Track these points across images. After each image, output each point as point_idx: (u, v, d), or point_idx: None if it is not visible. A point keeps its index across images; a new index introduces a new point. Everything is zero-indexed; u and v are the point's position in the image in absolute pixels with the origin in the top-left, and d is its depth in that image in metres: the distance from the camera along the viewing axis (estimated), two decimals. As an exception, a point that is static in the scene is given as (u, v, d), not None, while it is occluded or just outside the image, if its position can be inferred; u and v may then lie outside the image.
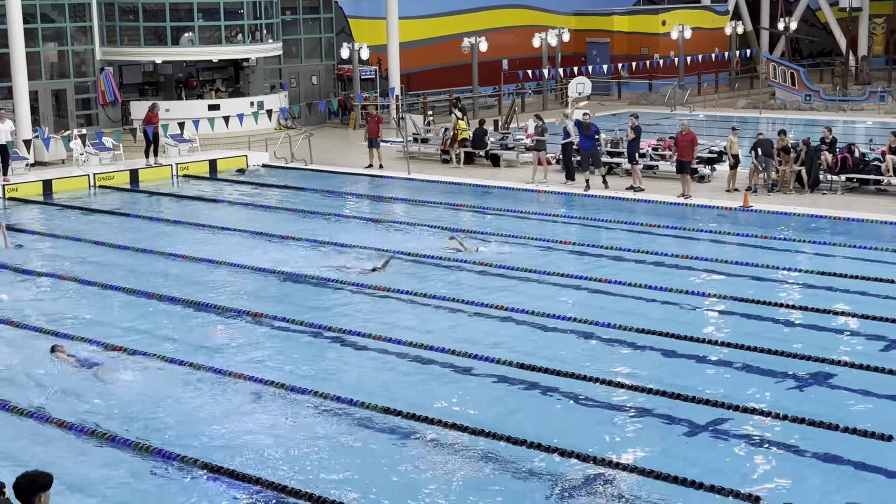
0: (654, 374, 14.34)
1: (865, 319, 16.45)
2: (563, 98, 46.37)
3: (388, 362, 15.23)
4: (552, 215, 25.44)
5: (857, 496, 10.81)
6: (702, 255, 20.64)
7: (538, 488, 11.19)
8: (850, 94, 46.63)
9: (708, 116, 43.66)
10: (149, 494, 11.39)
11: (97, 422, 13.09)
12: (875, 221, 23.18)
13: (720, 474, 11.29)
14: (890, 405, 13.20)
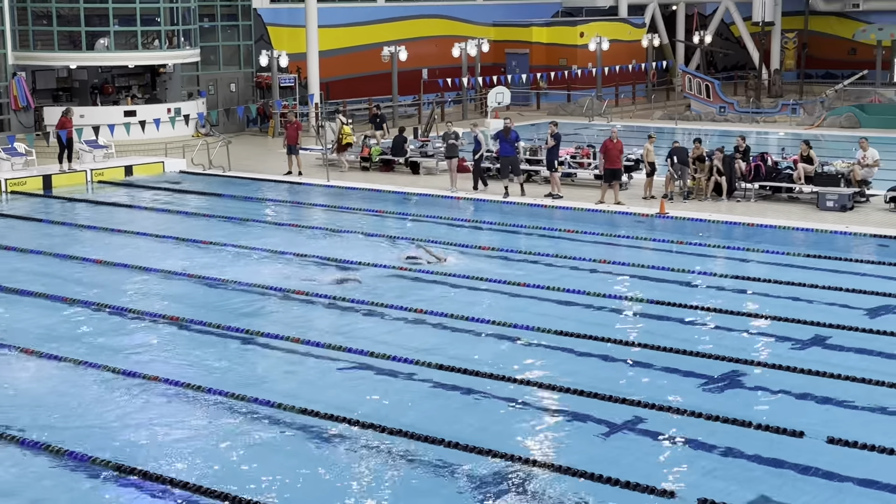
0: (573, 375, 14.43)
1: (777, 321, 16.75)
2: (483, 108, 46.63)
3: (306, 364, 15.15)
4: (471, 221, 25.54)
5: (769, 491, 10.97)
6: (619, 260, 20.86)
7: (458, 487, 11.19)
8: (763, 107, 47.48)
9: (625, 127, 44.03)
10: (58, 496, 11.18)
11: (7, 423, 12.83)
12: (787, 228, 23.62)
13: (635, 471, 11.39)
14: (801, 403, 13.44)
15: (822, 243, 22.45)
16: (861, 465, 11.49)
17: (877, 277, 19.38)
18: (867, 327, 16.25)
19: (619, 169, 26.51)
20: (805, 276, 19.37)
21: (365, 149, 33.20)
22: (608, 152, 26.42)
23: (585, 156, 30.31)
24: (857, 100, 46.67)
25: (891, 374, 14.15)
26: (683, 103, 48.93)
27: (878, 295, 18.04)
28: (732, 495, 10.80)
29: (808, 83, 55.41)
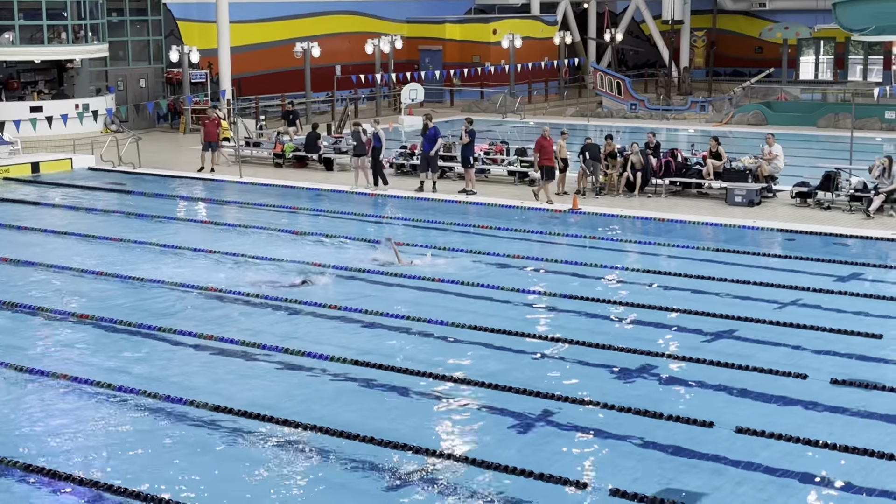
0: (488, 370, 14.51)
1: (687, 314, 17.01)
2: (397, 105, 46.65)
3: (221, 362, 15.03)
4: (386, 217, 25.54)
5: (681, 481, 11.14)
6: (533, 255, 21.01)
7: (377, 482, 11.19)
8: (672, 104, 48.18)
9: (538, 124, 44.44)
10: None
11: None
12: (696, 223, 23.99)
13: (550, 463, 11.49)
14: (710, 394, 13.67)
15: (731, 238, 22.88)
16: (768, 453, 11.72)
17: (784, 271, 19.77)
18: (774, 319, 16.57)
19: (554, 166, 26.52)
20: (714, 269, 19.70)
21: (278, 145, 33.03)
22: (543, 150, 26.27)
23: (499, 152, 30.50)
24: (765, 97, 47.64)
25: (797, 366, 14.45)
26: (595, 100, 49.45)
27: (784, 288, 18.41)
28: (644, 485, 10.95)
29: (716, 81, 56.36)
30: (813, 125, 41.71)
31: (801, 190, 25.84)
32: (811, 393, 13.57)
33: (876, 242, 21.99)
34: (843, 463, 11.47)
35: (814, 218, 24.11)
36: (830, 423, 12.60)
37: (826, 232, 22.69)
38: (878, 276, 19.63)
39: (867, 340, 15.59)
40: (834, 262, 20.28)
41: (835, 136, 37.85)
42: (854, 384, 13.79)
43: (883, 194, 23.95)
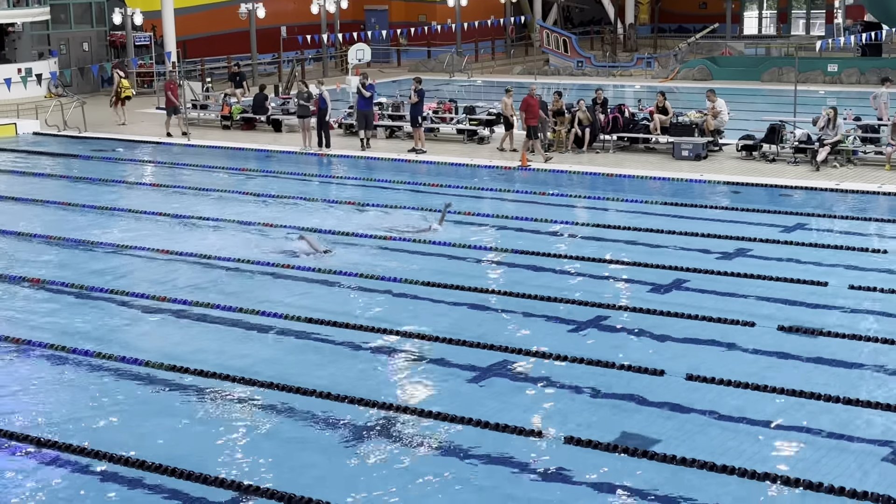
0: (441, 324, 14.64)
1: (637, 266, 17.24)
2: (343, 65, 46.44)
3: (174, 322, 15.05)
4: (336, 177, 25.53)
5: (632, 428, 11.35)
6: (484, 212, 21.14)
7: (332, 437, 11.31)
8: (619, 61, 48.39)
9: (485, 82, 44.57)
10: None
11: None
12: (644, 177, 24.22)
13: (504, 413, 11.66)
14: (660, 344, 13.90)
15: (679, 191, 23.13)
16: (718, 399, 11.97)
17: (731, 222, 20.05)
18: (722, 270, 16.84)
19: (536, 126, 26.28)
20: (663, 222, 19.94)
21: (225, 107, 32.83)
22: (529, 108, 26.10)
23: (448, 111, 30.55)
24: (709, 53, 47.94)
25: (745, 314, 14.72)
26: (542, 58, 49.49)
27: (732, 239, 18.68)
28: (598, 433, 11.15)
29: (661, 37, 56.65)
30: (757, 79, 42.10)
31: (746, 143, 26.13)
32: (759, 340, 13.84)
33: (820, 193, 22.33)
34: (791, 406, 11.74)
35: (759, 170, 24.43)
36: (778, 369, 12.87)
37: (771, 184, 23.01)
38: (823, 226, 19.99)
39: (813, 288, 15.89)
40: (780, 212, 20.59)
41: (779, 90, 38.26)
42: (801, 331, 14.08)
43: (828, 146, 24.28)
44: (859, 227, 19.88)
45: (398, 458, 10.75)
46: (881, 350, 13.41)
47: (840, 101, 31.71)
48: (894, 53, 44.22)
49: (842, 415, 11.48)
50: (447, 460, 10.71)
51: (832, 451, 10.69)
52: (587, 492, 9.99)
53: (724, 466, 10.25)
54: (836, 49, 41.56)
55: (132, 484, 10.33)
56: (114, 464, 10.67)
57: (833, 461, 10.45)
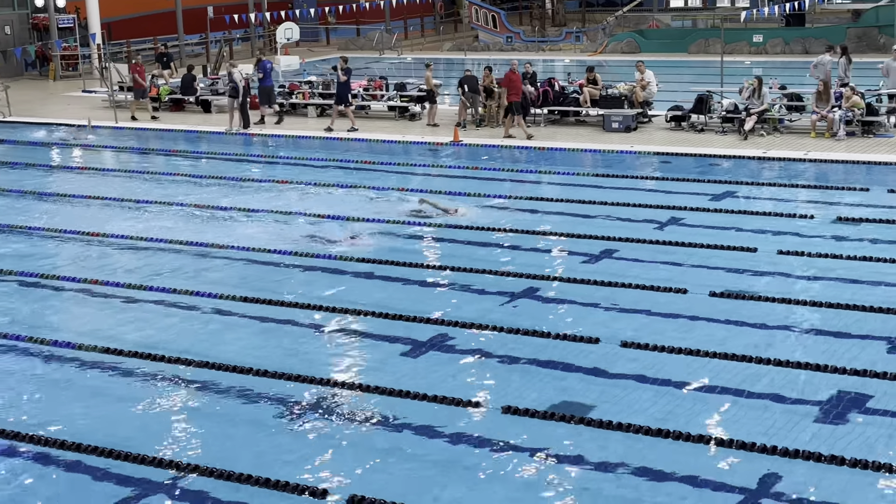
0: (376, 299, 14.65)
1: (570, 237, 17.37)
2: (272, 44, 46.09)
3: (107, 304, 14.91)
4: (266, 157, 25.39)
5: (570, 396, 11.45)
6: (417, 188, 21.14)
7: (269, 413, 11.28)
8: (548, 35, 48.54)
9: (415, 59, 44.47)
10: None
11: None
12: (576, 150, 24.38)
13: (441, 386, 11.71)
14: (593, 311, 14.03)
15: (610, 163, 23.32)
16: (652, 365, 12.12)
17: (661, 192, 20.28)
18: (654, 239, 17.03)
19: (519, 102, 25.86)
20: (595, 194, 20.09)
21: (153, 89, 32.43)
22: (511, 84, 25.76)
23: (378, 88, 30.49)
24: (637, 26, 48.30)
25: (677, 281, 14.91)
26: (471, 34, 49.55)
27: (663, 208, 18.88)
28: (536, 402, 11.24)
29: (589, 11, 56.85)
30: (684, 51, 42.49)
31: (675, 114, 26.39)
32: (691, 306, 14.02)
33: (748, 161, 22.64)
34: (723, 369, 11.93)
35: (688, 140, 24.69)
36: (710, 333, 13.06)
37: (700, 153, 23.26)
38: (751, 194, 20.27)
39: (742, 254, 16.13)
40: (709, 181, 20.86)
41: (706, 61, 38.62)
42: (731, 296, 14.30)
43: (754, 115, 24.60)
44: (786, 193, 20.18)
45: (336, 433, 10.76)
46: (810, 312, 13.66)
47: (766, 71, 32.16)
48: (818, 23, 44.85)
49: (773, 376, 11.68)
50: (385, 434, 10.75)
51: (765, 411, 10.88)
52: (525, 459, 10.08)
53: (660, 430, 10.40)
54: (761, 20, 42.04)
55: (70, 467, 10.24)
56: (49, 447, 10.57)
57: (766, 422, 10.64)
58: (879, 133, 24.19)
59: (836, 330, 12.98)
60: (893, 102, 24.85)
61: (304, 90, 30.72)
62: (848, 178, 21.03)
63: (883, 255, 15.65)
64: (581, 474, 9.80)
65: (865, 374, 11.51)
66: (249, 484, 9.72)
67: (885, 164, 21.56)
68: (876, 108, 24.79)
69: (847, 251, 15.98)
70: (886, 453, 9.86)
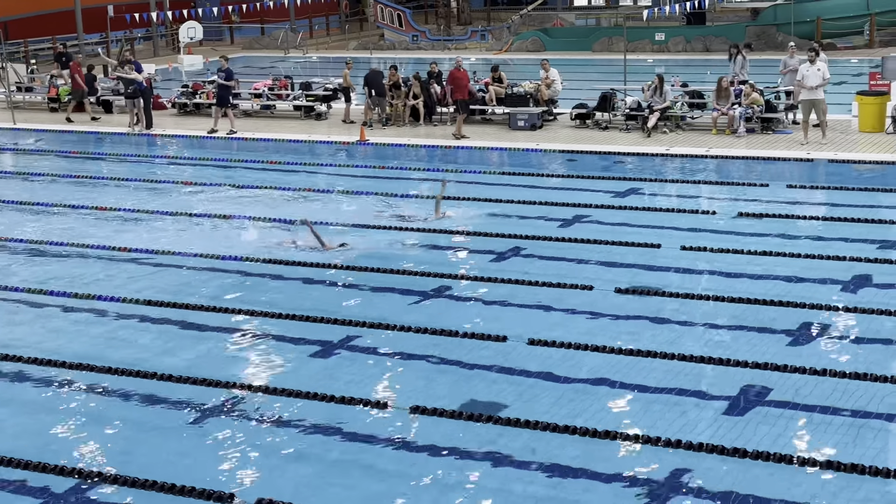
0: (281, 300, 14.55)
1: (477, 236, 17.42)
2: (175, 43, 45.52)
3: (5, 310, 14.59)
4: (173, 158, 25.07)
5: (479, 394, 11.49)
6: (323, 188, 21.05)
7: (176, 417, 11.13)
8: (453, 34, 48.63)
9: (321, 58, 44.27)
10: None
11: None
12: (482, 148, 24.47)
13: (353, 387, 11.67)
14: (500, 310, 14.10)
15: (516, 161, 23.45)
16: (559, 362, 12.21)
17: (567, 189, 20.43)
18: (560, 236, 17.16)
19: (466, 100, 25.79)
20: (501, 192, 20.19)
21: (52, 89, 31.82)
22: (456, 82, 25.57)
23: (283, 87, 30.28)
24: (541, 24, 48.62)
25: (583, 278, 15.04)
26: (377, 33, 49.45)
27: (568, 206, 19.03)
28: (444, 401, 11.25)
29: (494, 10, 57.13)
30: (588, 49, 42.91)
31: (579, 112, 26.62)
32: (598, 303, 14.16)
33: (651, 158, 22.93)
34: (629, 365, 12.05)
35: (593, 138, 24.93)
36: (616, 330, 13.20)
37: (605, 151, 23.51)
38: (655, 190, 20.54)
39: (647, 250, 16.33)
40: (614, 178, 21.08)
41: (609, 59, 39.06)
42: (636, 292, 14.46)
43: (657, 112, 24.92)
44: (689, 189, 20.49)
45: (244, 437, 10.65)
46: (713, 307, 13.88)
47: (668, 69, 32.61)
48: (718, 21, 45.62)
49: (679, 371, 11.83)
50: (293, 436, 10.67)
51: (672, 406, 11.02)
52: (435, 460, 10.08)
53: (567, 426, 10.48)
54: (663, 18, 42.64)
55: (-32, 479, 10.00)
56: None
57: (672, 416, 10.78)
58: (778, 129, 24.68)
59: (739, 324, 13.20)
60: (791, 99, 25.36)
61: (208, 90, 30.35)
62: (748, 174, 21.43)
63: (783, 250, 15.96)
64: (491, 473, 9.82)
65: (767, 368, 11.73)
66: (155, 490, 9.58)
67: (783, 159, 22.00)
68: (775, 104, 25.28)
69: (748, 246, 16.26)
70: (789, 444, 10.05)
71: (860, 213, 17.79)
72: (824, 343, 12.53)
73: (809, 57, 23.08)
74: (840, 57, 36.86)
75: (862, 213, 17.78)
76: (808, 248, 16.04)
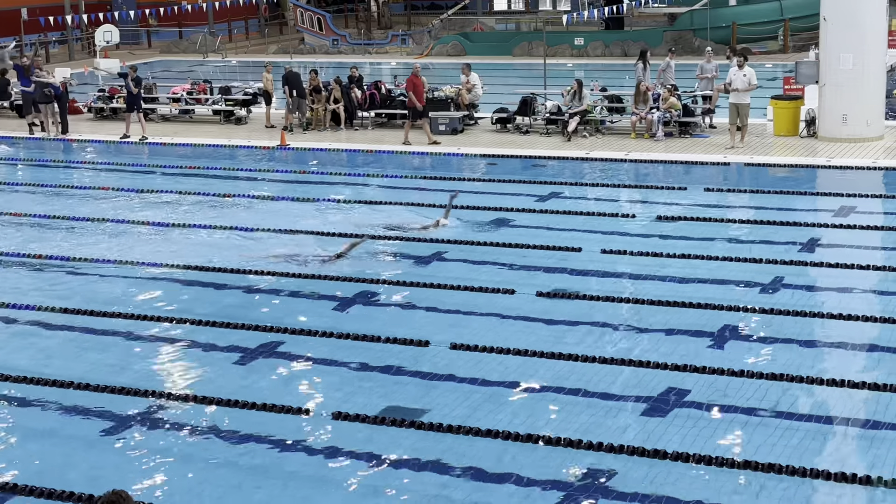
0: (203, 307, 14.39)
1: (399, 240, 17.39)
2: (91, 47, 44.85)
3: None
4: (88, 163, 24.70)
5: (401, 399, 11.45)
6: (243, 193, 20.86)
7: (92, 427, 10.94)
8: (374, 38, 48.56)
9: (240, 62, 43.94)
10: None
11: None
12: (403, 152, 24.43)
13: (272, 393, 11.58)
14: (423, 314, 14.09)
15: (438, 165, 23.46)
16: (482, 366, 12.21)
17: (489, 194, 20.48)
18: (481, 240, 17.18)
19: (424, 106, 25.41)
20: (423, 196, 20.17)
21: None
22: (416, 88, 25.08)
23: (202, 91, 29.97)
24: (462, 28, 48.71)
25: (505, 282, 15.08)
26: (297, 37, 49.18)
27: (490, 210, 19.07)
28: (366, 407, 11.20)
29: (415, 14, 57.09)
30: (509, 54, 43.09)
31: (500, 116, 26.72)
32: (520, 307, 14.20)
33: (572, 162, 23.08)
34: (551, 369, 12.09)
35: (514, 142, 25.03)
36: (537, 333, 13.24)
37: (526, 155, 23.62)
38: (575, 194, 20.68)
39: (568, 254, 16.41)
40: (535, 182, 21.19)
41: (530, 63, 39.28)
42: (558, 295, 14.53)
43: (577, 116, 25.09)
44: (609, 193, 20.66)
45: (163, 446, 10.50)
46: (633, 310, 14.00)
47: (587, 73, 32.93)
48: (636, 26, 46.08)
49: (600, 374, 11.90)
50: (214, 444, 10.54)
51: (592, 408, 11.08)
52: (357, 465, 10.02)
53: (489, 431, 10.48)
54: (582, 23, 42.93)
55: None
56: None
57: (593, 418, 10.84)
58: (696, 133, 25.00)
59: (658, 326, 13.31)
60: (708, 103, 25.71)
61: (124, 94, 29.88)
62: (667, 177, 21.67)
63: (701, 253, 16.14)
64: (413, 478, 9.79)
65: (686, 369, 11.84)
66: (72, 502, 9.40)
67: (701, 163, 22.28)
68: (692, 109, 25.60)
69: (667, 249, 16.43)
70: (709, 445, 10.16)
71: (776, 216, 18.08)
72: (743, 344, 12.69)
73: (738, 62, 23.44)
74: (755, 62, 37.40)
75: (778, 216, 18.07)
76: (726, 250, 16.25)
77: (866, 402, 11.02)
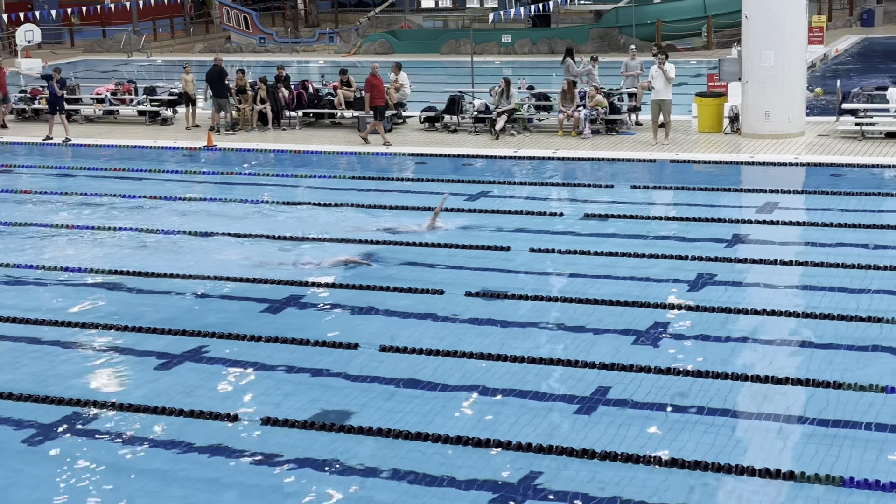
0: (128, 312, 14.21)
1: (333, 242, 17.27)
2: (12, 47, 44.09)
3: None
4: (10, 166, 24.27)
5: (331, 402, 11.40)
6: (169, 195, 20.63)
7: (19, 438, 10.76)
8: (301, 36, 48.30)
9: (166, 61, 43.48)
10: None
11: None
12: (332, 153, 24.33)
13: (200, 399, 11.47)
14: (351, 317, 14.03)
15: (366, 165, 23.40)
16: (412, 367, 12.19)
17: (417, 193, 20.46)
18: (410, 241, 17.16)
19: (384, 106, 25.11)
20: (353, 197, 20.12)
21: None
22: (374, 89, 24.74)
23: (127, 92, 29.61)
24: (389, 26, 48.66)
25: (432, 282, 15.08)
26: (223, 35, 48.78)
27: (419, 210, 19.04)
28: (296, 412, 11.13)
29: (342, 12, 56.91)
30: (436, 51, 43.11)
31: (428, 115, 26.72)
32: (449, 307, 14.19)
33: (500, 161, 23.15)
34: (481, 370, 12.11)
35: (442, 141, 25.04)
36: (465, 333, 13.25)
37: (454, 153, 23.63)
38: (504, 193, 20.74)
39: (497, 253, 16.46)
40: (463, 181, 21.21)
41: (457, 61, 39.29)
42: (487, 295, 14.56)
43: (504, 115, 25.16)
44: (537, 191, 20.75)
45: (87, 455, 10.35)
46: (562, 308, 14.07)
47: (515, 71, 33.05)
48: (563, 24, 46.34)
49: (529, 373, 11.95)
50: (141, 452, 10.41)
51: (523, 408, 11.12)
52: (287, 471, 9.96)
53: (419, 433, 10.48)
54: (509, 21, 43.08)
55: None
56: None
57: (523, 419, 10.87)
58: (622, 131, 25.20)
59: (587, 325, 13.40)
60: (634, 101, 25.93)
61: (46, 95, 29.41)
62: (594, 175, 21.81)
63: (628, 250, 16.27)
64: (345, 482, 9.75)
65: (615, 368, 11.93)
66: (-5, 516, 9.25)
67: (627, 160, 22.46)
68: (618, 106, 25.80)
69: (595, 247, 16.53)
70: (637, 444, 10.24)
71: (702, 213, 18.29)
72: (670, 342, 12.81)
73: (659, 60, 23.63)
74: (679, 58, 37.83)
75: (704, 213, 18.28)
76: (653, 247, 16.40)
77: (791, 397, 11.18)
